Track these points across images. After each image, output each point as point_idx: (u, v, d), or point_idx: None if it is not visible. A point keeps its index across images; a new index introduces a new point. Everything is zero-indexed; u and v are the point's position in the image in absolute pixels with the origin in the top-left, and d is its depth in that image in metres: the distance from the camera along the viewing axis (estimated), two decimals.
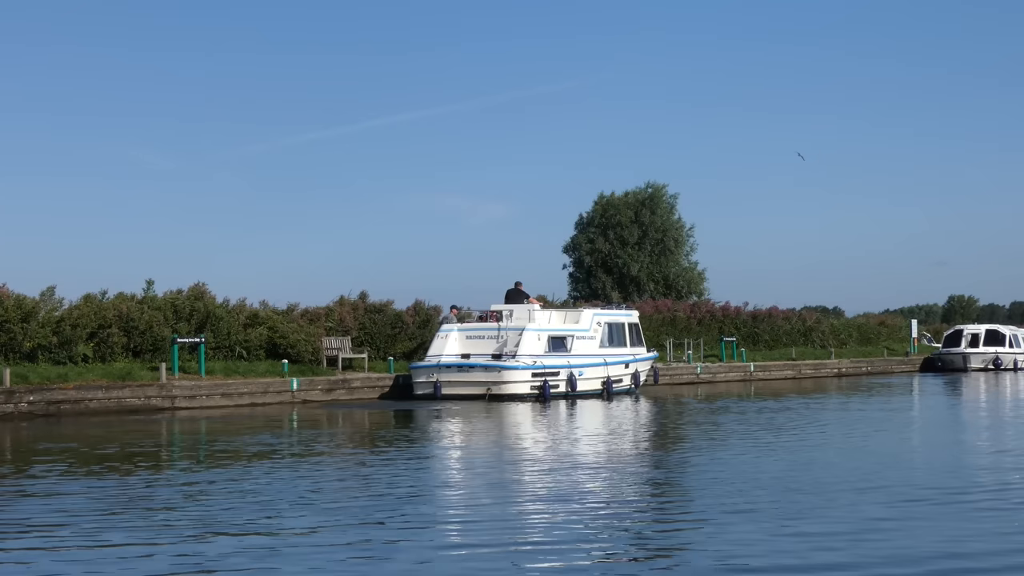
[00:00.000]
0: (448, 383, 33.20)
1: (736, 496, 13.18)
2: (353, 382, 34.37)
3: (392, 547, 10.52)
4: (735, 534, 10.85)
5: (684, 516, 12.26)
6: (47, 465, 17.13)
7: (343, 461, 17.69)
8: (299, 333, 35.54)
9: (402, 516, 12.06)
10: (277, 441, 21.54)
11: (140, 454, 18.97)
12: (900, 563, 9.58)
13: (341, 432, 23.75)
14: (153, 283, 35.58)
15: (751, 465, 16.47)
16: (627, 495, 13.83)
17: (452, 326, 35.42)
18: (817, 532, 10.97)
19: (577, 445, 20.65)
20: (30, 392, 27.22)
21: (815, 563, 9.62)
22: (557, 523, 11.70)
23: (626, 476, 15.65)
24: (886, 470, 15.79)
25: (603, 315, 37.87)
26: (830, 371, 53.30)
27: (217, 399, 30.47)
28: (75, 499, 13.55)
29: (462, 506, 13.11)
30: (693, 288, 66.90)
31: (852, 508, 12.30)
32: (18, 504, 13.30)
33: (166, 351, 31.81)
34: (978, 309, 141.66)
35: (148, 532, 11.32)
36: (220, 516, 12.18)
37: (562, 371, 34.48)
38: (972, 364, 56.91)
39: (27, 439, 22.20)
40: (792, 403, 32.23)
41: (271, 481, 14.98)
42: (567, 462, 17.40)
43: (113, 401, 28.50)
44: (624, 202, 67.43)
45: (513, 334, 34.32)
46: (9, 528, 11.67)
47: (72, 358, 30.52)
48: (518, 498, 13.53)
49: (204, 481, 15.09)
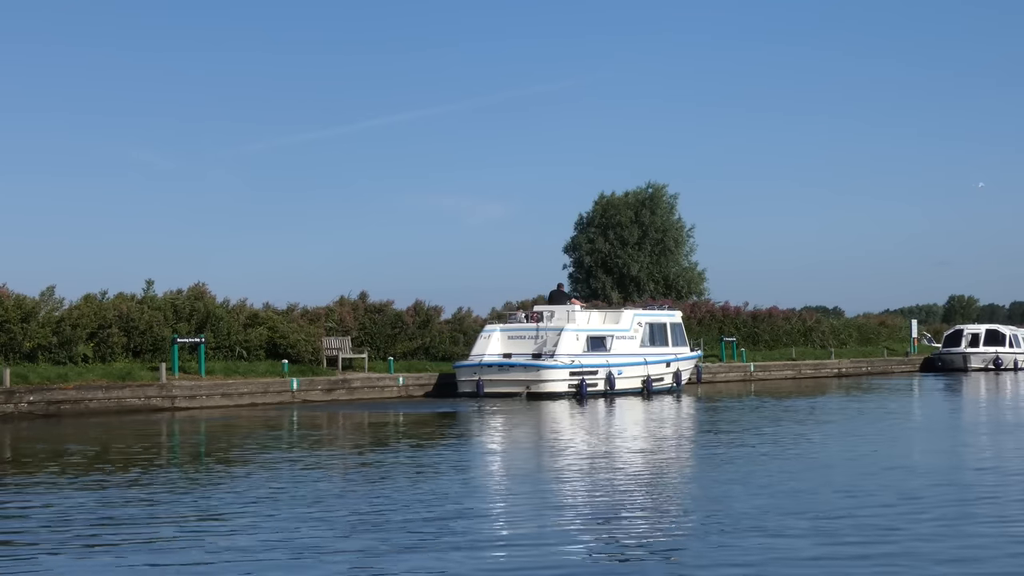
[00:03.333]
0: (490, 382, 34.29)
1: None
2: (353, 382, 34.36)
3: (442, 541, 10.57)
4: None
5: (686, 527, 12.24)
6: (48, 466, 17.13)
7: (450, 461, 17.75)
8: (299, 333, 35.54)
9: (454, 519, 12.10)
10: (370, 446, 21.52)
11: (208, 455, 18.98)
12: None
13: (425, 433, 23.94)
14: (153, 283, 35.62)
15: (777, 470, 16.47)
16: (628, 492, 13.86)
17: (495, 326, 36.78)
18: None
19: (589, 443, 20.91)
20: (30, 392, 27.21)
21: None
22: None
23: (626, 474, 15.69)
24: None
25: (644, 315, 38.99)
26: (830, 371, 53.29)
27: (217, 399, 30.46)
28: (77, 504, 13.54)
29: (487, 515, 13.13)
30: (693, 288, 66.86)
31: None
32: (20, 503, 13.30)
33: (166, 351, 31.80)
34: (978, 309, 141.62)
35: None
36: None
37: (601, 370, 35.53)
38: (972, 364, 56.89)
39: (27, 439, 22.20)
40: (817, 402, 32.43)
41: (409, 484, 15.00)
42: (574, 460, 17.49)
43: (113, 401, 28.49)
44: (624, 202, 67.40)
45: (552, 334, 35.45)
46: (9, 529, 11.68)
47: (72, 358, 30.51)
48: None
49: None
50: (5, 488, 14.71)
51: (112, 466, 16.98)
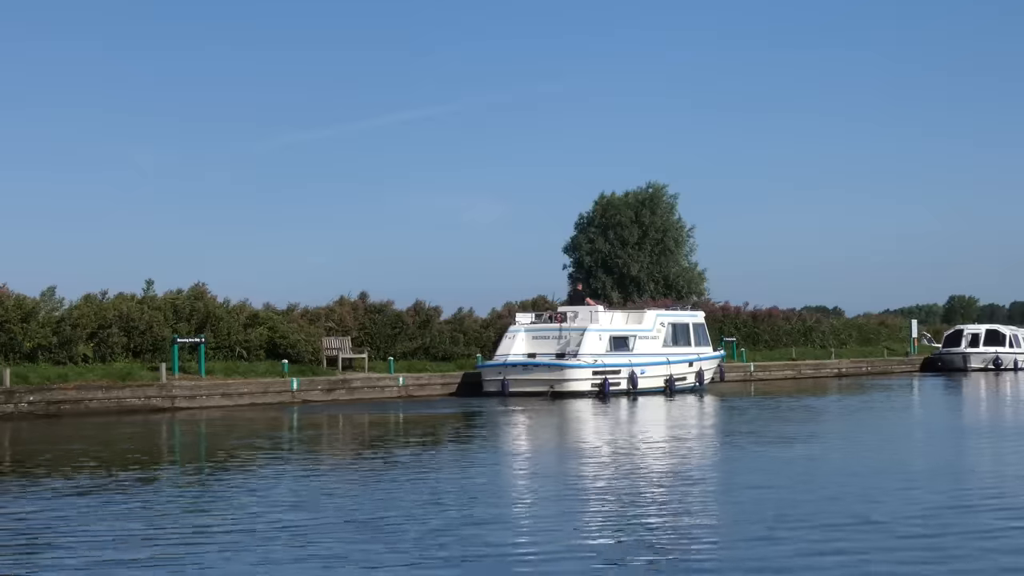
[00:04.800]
0: (514, 381, 35.13)
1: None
2: (353, 382, 34.36)
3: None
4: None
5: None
6: (51, 467, 17.13)
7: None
8: (299, 333, 35.54)
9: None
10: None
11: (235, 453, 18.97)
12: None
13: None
14: (153, 283, 35.62)
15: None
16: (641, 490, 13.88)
17: (519, 327, 37.41)
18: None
19: (607, 439, 21.66)
20: (30, 392, 27.22)
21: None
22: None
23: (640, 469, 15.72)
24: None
25: (667, 316, 39.81)
26: (830, 371, 53.28)
27: (217, 399, 30.46)
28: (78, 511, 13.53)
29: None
30: (693, 288, 66.81)
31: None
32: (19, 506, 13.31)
33: (166, 351, 31.80)
34: (978, 309, 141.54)
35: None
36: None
37: (623, 369, 36.30)
38: (972, 364, 56.89)
39: (25, 440, 22.20)
40: (820, 401, 32.50)
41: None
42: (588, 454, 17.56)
43: (113, 401, 28.49)
44: (624, 202, 67.35)
45: (575, 334, 36.29)
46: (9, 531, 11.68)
47: (72, 358, 30.50)
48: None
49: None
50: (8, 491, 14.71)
51: (113, 467, 16.98)
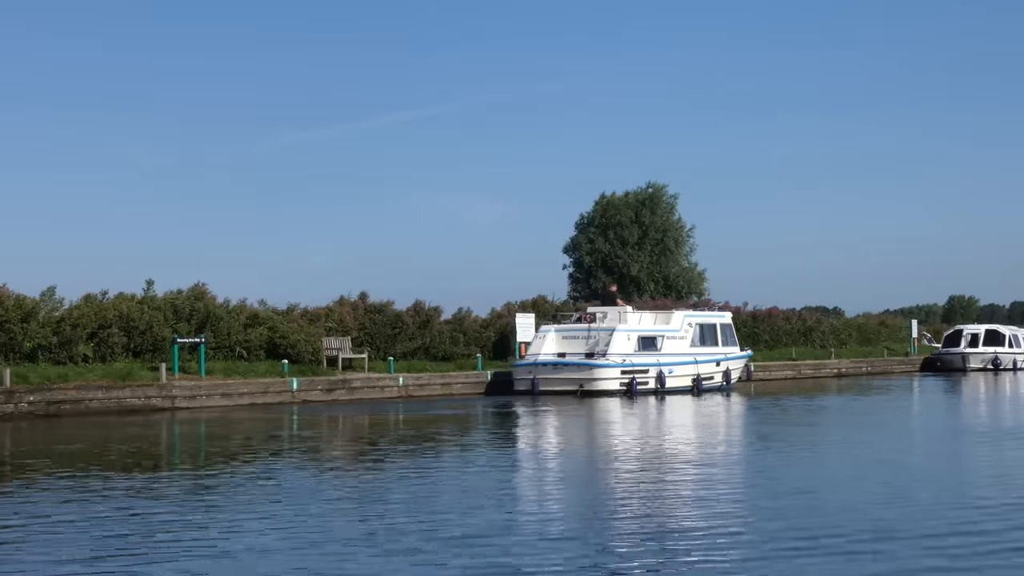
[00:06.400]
0: (545, 380, 35.90)
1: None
2: (353, 382, 34.38)
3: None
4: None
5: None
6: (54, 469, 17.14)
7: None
8: (299, 333, 35.56)
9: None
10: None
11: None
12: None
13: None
14: (153, 283, 35.66)
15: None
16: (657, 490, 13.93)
17: (550, 327, 38.37)
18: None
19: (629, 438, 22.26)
20: (30, 392, 27.23)
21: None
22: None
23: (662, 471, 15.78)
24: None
25: (694, 316, 40.79)
26: (830, 371, 53.26)
27: (217, 399, 30.48)
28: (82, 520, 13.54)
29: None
30: (693, 288, 66.78)
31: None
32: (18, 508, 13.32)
33: (166, 351, 31.82)
34: (978, 309, 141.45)
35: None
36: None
37: (651, 369, 37.10)
38: (971, 364, 56.87)
39: (27, 440, 22.22)
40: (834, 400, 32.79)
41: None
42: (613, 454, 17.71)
43: (113, 401, 28.51)
44: (624, 202, 67.31)
45: (604, 334, 37.15)
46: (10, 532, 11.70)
47: (72, 358, 30.52)
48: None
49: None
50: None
51: (113, 470, 17.00)
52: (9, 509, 13.01)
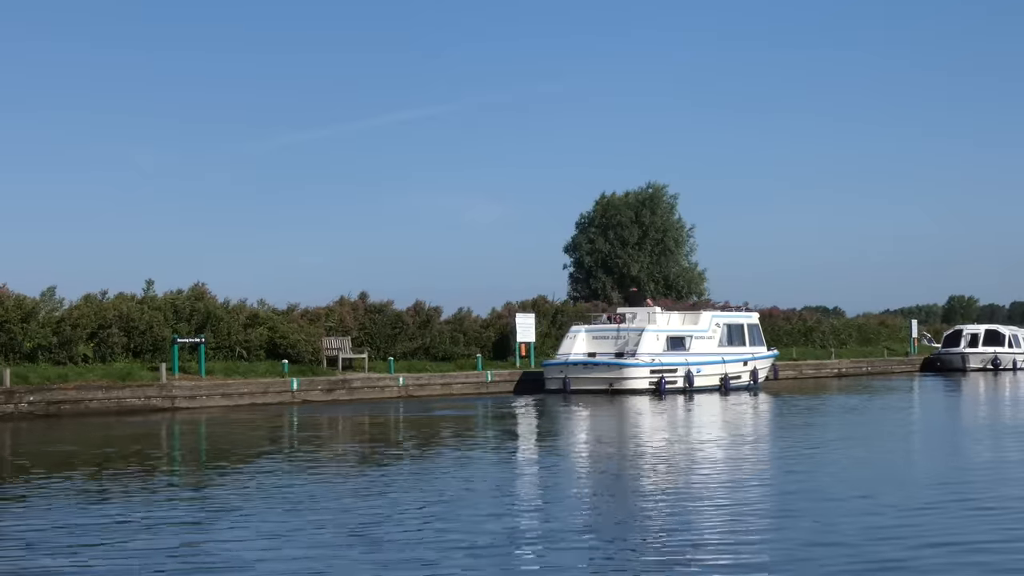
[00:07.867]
0: (575, 379, 36.78)
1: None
2: (353, 382, 34.37)
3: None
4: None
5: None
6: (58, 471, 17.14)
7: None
8: (299, 333, 35.55)
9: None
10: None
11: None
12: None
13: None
14: (153, 283, 35.66)
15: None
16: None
17: (580, 327, 39.27)
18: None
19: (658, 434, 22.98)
20: (30, 392, 27.23)
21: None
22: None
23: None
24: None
25: (722, 317, 41.62)
26: (830, 371, 53.26)
27: (217, 399, 30.47)
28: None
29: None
30: (693, 288, 66.78)
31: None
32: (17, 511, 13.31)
33: (166, 351, 31.81)
34: (978, 309, 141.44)
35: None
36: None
37: (680, 368, 37.85)
38: (971, 364, 56.86)
39: (27, 441, 22.21)
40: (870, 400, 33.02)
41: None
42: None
43: (113, 401, 28.50)
44: (624, 202, 67.31)
45: (634, 335, 38.13)
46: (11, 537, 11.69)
47: (72, 358, 30.52)
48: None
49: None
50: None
51: (112, 470, 16.99)
52: (9, 509, 13.00)
